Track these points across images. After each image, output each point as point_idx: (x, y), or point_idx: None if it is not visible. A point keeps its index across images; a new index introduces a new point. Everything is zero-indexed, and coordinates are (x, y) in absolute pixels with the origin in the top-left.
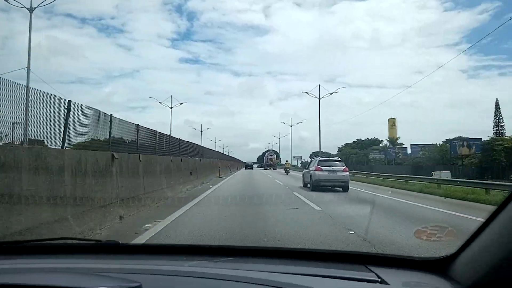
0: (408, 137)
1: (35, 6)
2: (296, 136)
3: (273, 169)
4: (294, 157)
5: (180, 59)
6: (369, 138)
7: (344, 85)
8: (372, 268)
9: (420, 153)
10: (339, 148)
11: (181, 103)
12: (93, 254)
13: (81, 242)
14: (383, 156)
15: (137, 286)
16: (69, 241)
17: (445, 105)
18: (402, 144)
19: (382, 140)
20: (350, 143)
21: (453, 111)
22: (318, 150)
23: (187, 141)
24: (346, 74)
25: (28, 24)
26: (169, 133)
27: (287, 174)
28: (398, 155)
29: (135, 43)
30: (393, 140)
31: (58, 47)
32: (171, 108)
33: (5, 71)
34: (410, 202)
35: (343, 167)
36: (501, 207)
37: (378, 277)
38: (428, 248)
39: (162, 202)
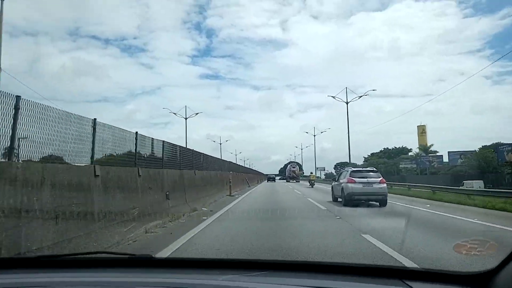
0: (437, 146)
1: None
2: (317, 147)
3: (296, 181)
4: (317, 168)
5: (201, 75)
6: (397, 147)
7: (363, 95)
8: (409, 283)
9: (460, 160)
10: (365, 158)
11: (196, 114)
12: (128, 267)
13: (116, 256)
14: (415, 165)
15: None
16: (104, 255)
17: (470, 112)
18: (436, 152)
19: (411, 149)
20: (376, 152)
21: (478, 118)
22: (345, 161)
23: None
24: (366, 84)
25: None
26: (187, 146)
27: (312, 187)
28: (432, 164)
29: (156, 61)
30: (425, 148)
31: (83, 68)
32: (185, 118)
33: None
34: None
35: (380, 178)
36: None
37: None
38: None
39: None
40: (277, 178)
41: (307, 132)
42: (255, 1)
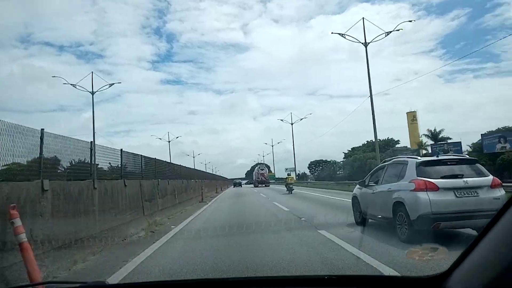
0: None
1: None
2: (282, 149)
3: (266, 186)
4: (286, 169)
5: (162, 80)
6: (381, 139)
7: (325, 97)
8: None
9: (500, 145)
10: (345, 153)
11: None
12: None
13: (67, 285)
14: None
15: None
16: (54, 285)
17: (424, 110)
18: (447, 138)
19: (398, 140)
20: (358, 146)
21: (432, 115)
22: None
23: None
24: (327, 86)
25: None
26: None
27: (290, 193)
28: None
29: (115, 67)
30: (416, 140)
31: (36, 76)
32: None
33: None
34: None
35: (489, 177)
36: (491, 223)
37: None
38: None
39: None
40: (244, 182)
41: (266, 143)
42: (215, 5)
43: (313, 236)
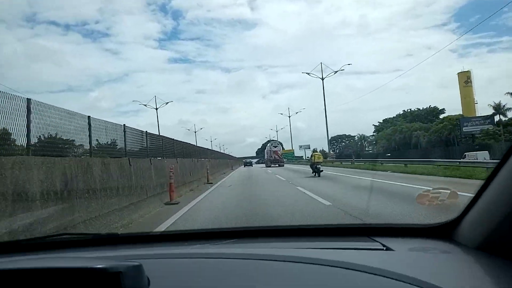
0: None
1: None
2: (291, 127)
3: (279, 165)
4: (300, 146)
5: (169, 59)
6: (421, 108)
7: (339, 70)
8: (377, 239)
9: None
10: (376, 126)
11: (167, 103)
12: (93, 246)
13: (79, 236)
14: (478, 129)
15: (136, 265)
16: (66, 236)
17: (437, 84)
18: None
19: (443, 109)
20: (391, 117)
21: (444, 90)
22: (340, 134)
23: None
24: (337, 62)
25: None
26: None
27: (318, 175)
28: None
29: (121, 46)
30: (470, 107)
31: (42, 56)
32: (156, 109)
33: None
34: None
35: None
36: (498, 167)
37: (383, 245)
38: None
39: None
40: (254, 161)
41: (281, 114)
42: None
43: None
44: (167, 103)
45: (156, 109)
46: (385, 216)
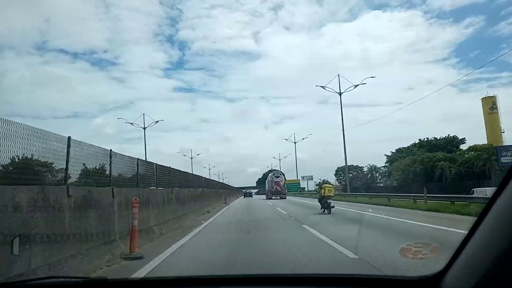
0: None
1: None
2: (291, 158)
3: (281, 197)
4: (303, 177)
5: (174, 88)
6: (438, 137)
7: (336, 105)
8: None
9: None
10: (389, 156)
11: (156, 122)
12: None
13: (69, 280)
14: None
15: None
16: (56, 280)
17: (438, 120)
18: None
19: (463, 138)
20: (405, 147)
21: (446, 125)
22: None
23: None
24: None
25: None
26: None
27: (328, 212)
28: None
29: (128, 75)
30: (496, 134)
31: (50, 82)
32: (144, 128)
33: None
34: None
35: None
36: (480, 219)
37: None
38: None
39: None
40: (254, 191)
41: (286, 139)
42: (226, 13)
43: None
44: (156, 121)
45: (144, 128)
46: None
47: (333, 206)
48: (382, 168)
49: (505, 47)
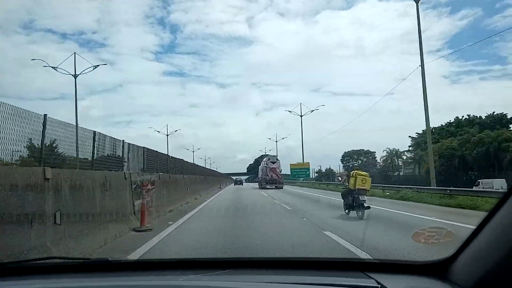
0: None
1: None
2: (282, 146)
3: (276, 187)
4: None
5: (164, 72)
6: (479, 116)
7: (329, 94)
8: (371, 275)
9: None
10: (414, 138)
11: (176, 131)
12: (83, 273)
13: (70, 261)
14: None
15: None
16: (57, 260)
17: (429, 110)
18: None
19: None
20: (436, 127)
21: (437, 115)
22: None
23: None
24: (331, 83)
25: None
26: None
27: (361, 216)
28: None
29: (118, 57)
30: None
31: (38, 62)
32: (167, 135)
33: None
34: None
35: None
36: (496, 208)
37: (378, 283)
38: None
39: None
40: (244, 178)
41: (269, 139)
42: None
43: None
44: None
45: (167, 135)
46: None
47: (368, 207)
48: (405, 152)
49: (498, 40)
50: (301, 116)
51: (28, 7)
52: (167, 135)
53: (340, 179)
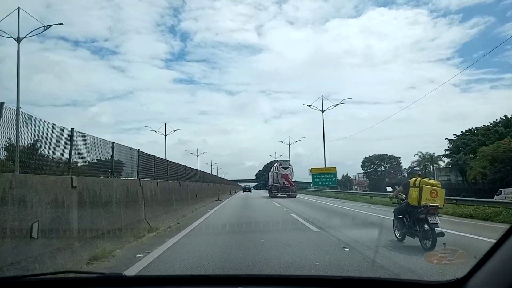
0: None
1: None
2: (291, 153)
3: (288, 196)
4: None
5: (174, 79)
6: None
7: (337, 102)
8: None
9: None
10: (452, 141)
11: (175, 130)
12: (98, 287)
13: (85, 275)
14: None
15: None
16: (72, 275)
17: (438, 119)
18: None
19: None
20: (480, 128)
21: (446, 124)
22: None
23: None
24: (340, 91)
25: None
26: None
27: (430, 245)
28: None
29: (128, 64)
30: None
31: (50, 69)
32: (165, 135)
33: None
34: None
35: None
36: (510, 231)
37: None
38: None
39: None
40: (252, 185)
41: (281, 142)
42: (230, 5)
43: None
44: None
45: (165, 135)
46: None
47: (442, 233)
48: (441, 157)
49: (509, 48)
50: (323, 111)
51: (41, 14)
52: (165, 135)
53: (391, 189)
